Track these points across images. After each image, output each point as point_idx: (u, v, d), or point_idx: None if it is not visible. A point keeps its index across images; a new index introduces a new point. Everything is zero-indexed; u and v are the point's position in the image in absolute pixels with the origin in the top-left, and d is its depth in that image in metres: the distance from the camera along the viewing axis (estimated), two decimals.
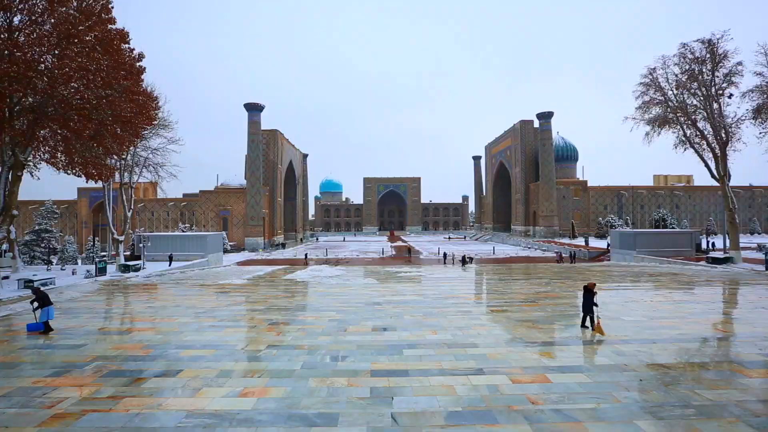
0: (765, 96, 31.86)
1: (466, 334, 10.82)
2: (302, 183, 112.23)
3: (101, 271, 29.05)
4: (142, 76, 25.03)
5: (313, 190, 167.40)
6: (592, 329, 10.83)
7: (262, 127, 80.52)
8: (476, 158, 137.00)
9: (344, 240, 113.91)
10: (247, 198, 76.33)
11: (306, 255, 58.06)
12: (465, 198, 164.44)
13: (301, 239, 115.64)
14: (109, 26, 21.58)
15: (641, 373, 7.72)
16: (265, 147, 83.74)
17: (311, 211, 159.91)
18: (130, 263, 32.40)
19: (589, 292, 10.91)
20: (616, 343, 9.80)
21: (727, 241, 36.68)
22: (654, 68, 36.33)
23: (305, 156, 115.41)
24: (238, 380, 7.55)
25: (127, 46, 22.99)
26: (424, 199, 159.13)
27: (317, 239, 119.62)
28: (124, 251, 39.74)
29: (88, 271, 29.55)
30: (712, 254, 35.24)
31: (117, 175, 35.75)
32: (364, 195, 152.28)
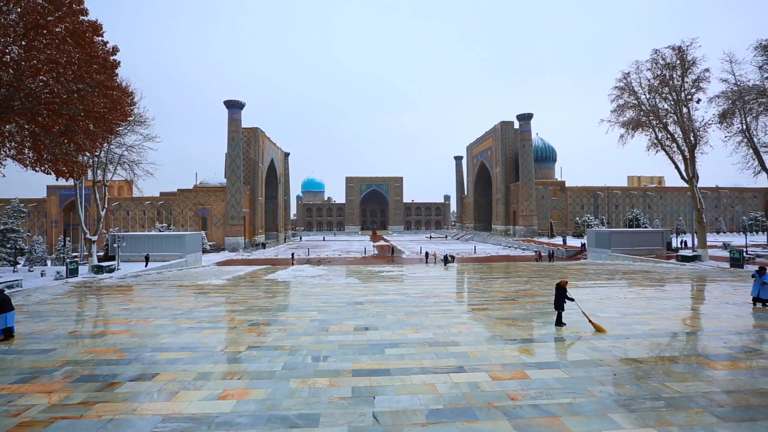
0: (729, 102, 33.42)
1: (448, 333, 10.93)
2: (284, 182, 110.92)
3: (72, 272, 27.98)
4: (117, 71, 24.17)
5: (295, 189, 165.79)
6: (560, 325, 11.18)
7: (243, 125, 79.17)
8: (458, 158, 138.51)
9: (324, 239, 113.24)
10: (227, 197, 74.92)
11: (293, 255, 57.65)
12: (447, 198, 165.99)
13: (286, 238, 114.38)
14: (81, 18, 20.74)
15: (615, 368, 7.98)
16: (245, 145, 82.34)
17: (293, 210, 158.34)
18: (104, 264, 31.32)
19: (561, 289, 11.21)
20: (592, 339, 10.10)
21: (695, 240, 38.31)
22: (628, 73, 37.59)
23: (287, 155, 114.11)
24: (217, 382, 7.41)
25: (100, 39, 22.17)
26: (407, 198, 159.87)
27: (300, 238, 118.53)
28: (98, 252, 38.37)
29: (58, 273, 28.40)
30: (682, 252, 36.70)
31: (90, 173, 34.47)
32: (346, 194, 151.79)
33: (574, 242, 70.78)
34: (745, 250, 37.39)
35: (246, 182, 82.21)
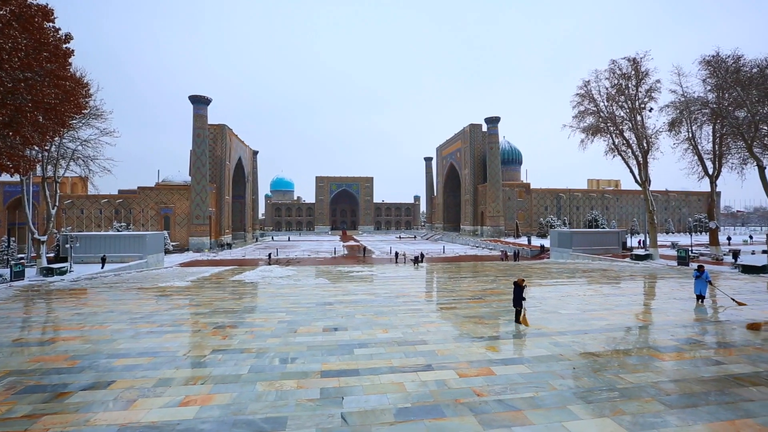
0: (678, 111, 35.89)
1: (416, 332, 11.05)
2: (252, 181, 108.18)
3: (18, 275, 26.03)
4: (70, 60, 22.68)
5: (264, 189, 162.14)
6: (519, 321, 11.61)
7: (210, 122, 76.57)
8: (428, 159, 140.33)
9: (290, 240, 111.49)
10: (191, 195, 72.16)
11: (270, 255, 56.62)
12: (417, 198, 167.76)
13: (259, 238, 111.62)
14: (29, 0, 19.35)
15: (574, 362, 8.36)
16: (212, 142, 79.64)
17: (261, 209, 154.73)
18: (55, 266, 29.33)
19: (518, 287, 11.67)
20: (554, 335, 10.53)
21: (647, 240, 40.82)
22: (588, 81, 39.52)
23: (255, 153, 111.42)
24: (179, 388, 7.12)
25: (51, 24, 20.74)
26: (377, 198, 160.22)
27: (273, 238, 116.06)
28: (48, 253, 35.86)
29: (1, 276, 26.30)
30: (635, 252, 38.97)
31: (39, 169, 32.14)
32: (316, 194, 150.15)
33: (538, 242, 73.48)
34: (690, 249, 40.22)
35: (212, 180, 79.51)
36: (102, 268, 32.32)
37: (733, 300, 14.74)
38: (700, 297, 14.91)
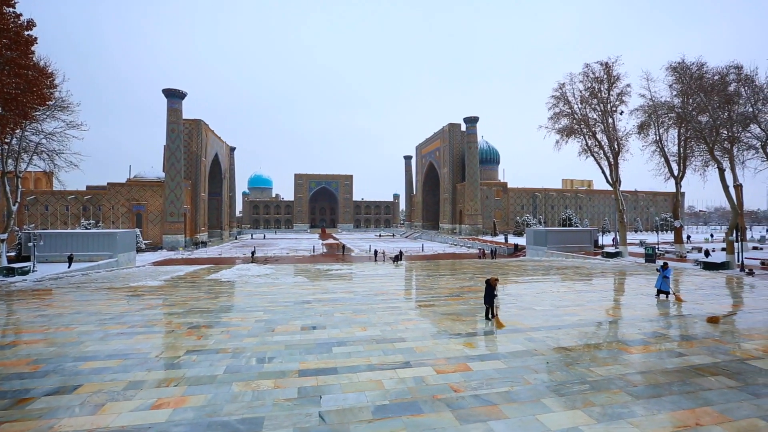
0: (646, 115, 37.38)
1: (395, 329, 11.11)
2: (229, 177, 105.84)
3: None
4: (33, 48, 21.56)
5: (241, 186, 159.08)
6: (489, 318, 11.86)
7: (185, 117, 74.37)
8: (407, 158, 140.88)
9: (265, 237, 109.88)
10: (165, 192, 69.92)
11: (253, 252, 55.66)
12: (396, 196, 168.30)
13: (236, 236, 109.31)
14: None
15: (548, 357, 8.61)
16: (187, 138, 77.45)
17: (239, 207, 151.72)
18: (16, 265, 27.86)
19: (489, 286, 11.94)
20: (528, 331, 10.80)
21: (618, 238, 42.40)
22: (563, 83, 40.60)
23: (232, 149, 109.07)
24: (151, 391, 6.91)
25: (12, 10, 19.65)
26: (356, 197, 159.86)
27: (252, 236, 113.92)
28: (8, 252, 33.98)
29: None
30: (606, 249, 40.39)
31: None
32: (295, 191, 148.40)
33: (514, 240, 75.08)
34: (657, 247, 42.04)
35: (187, 177, 77.33)
36: (69, 267, 30.93)
37: (674, 295, 15.65)
38: (662, 292, 15.62)
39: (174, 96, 71.20)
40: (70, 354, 9.11)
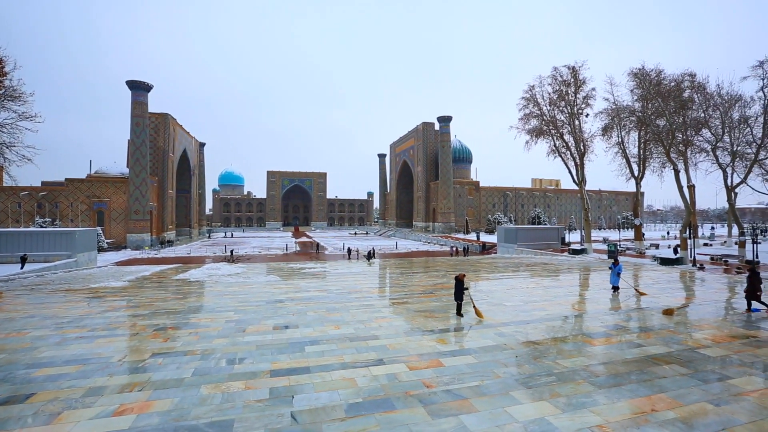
0: (609, 118, 39.11)
1: (368, 327, 11.13)
2: (198, 174, 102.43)
3: None
4: None
5: (212, 183, 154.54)
6: (461, 315, 12.17)
7: (151, 110, 71.29)
8: (381, 156, 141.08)
9: (233, 236, 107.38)
10: (130, 188, 66.84)
11: (232, 251, 54.26)
12: (370, 194, 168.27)
13: (209, 234, 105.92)
14: None
15: (517, 351, 8.88)
16: (153, 132, 74.30)
17: (209, 204, 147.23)
18: None
19: (459, 282, 12.24)
20: (499, 326, 11.09)
21: (583, 236, 44.21)
22: (533, 86, 41.82)
23: (202, 145, 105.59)
24: (113, 397, 6.61)
25: None
26: (330, 194, 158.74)
27: (226, 234, 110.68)
28: None
29: None
30: (573, 246, 42.03)
31: None
32: (267, 189, 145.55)
33: (486, 238, 76.78)
34: (618, 244, 44.14)
35: (153, 173, 74.23)
36: (22, 268, 29.03)
37: (636, 290, 16.63)
38: (615, 288, 16.45)
39: (139, 88, 68.11)
40: (22, 361, 8.56)
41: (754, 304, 13.10)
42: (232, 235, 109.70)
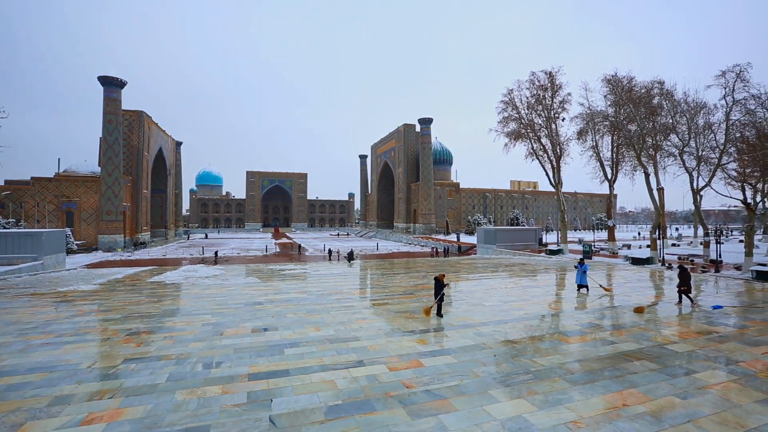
0: (584, 122, 40.33)
1: (349, 329, 11.08)
2: (175, 174, 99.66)
3: None
4: None
5: (189, 183, 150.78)
6: (441, 315, 12.30)
7: (125, 108, 68.92)
8: (363, 157, 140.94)
9: (208, 237, 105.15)
10: (101, 188, 64.35)
11: (216, 252, 52.80)
12: (351, 195, 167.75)
13: (189, 235, 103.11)
14: None
15: (496, 350, 9.02)
16: (127, 130, 71.91)
17: (186, 205, 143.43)
18: None
19: (439, 282, 12.39)
20: (478, 326, 11.25)
21: (559, 236, 45.36)
22: (512, 89, 42.66)
23: (179, 144, 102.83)
24: (81, 405, 6.34)
25: None
26: (311, 195, 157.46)
27: (207, 236, 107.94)
28: None
29: None
30: (550, 247, 43.04)
31: None
32: (247, 189, 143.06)
33: (466, 239, 77.74)
34: (593, 244, 45.51)
35: (127, 172, 71.81)
36: None
37: (601, 287, 17.42)
38: (582, 286, 16.98)
39: (112, 84, 65.73)
40: None
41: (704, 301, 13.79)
42: (206, 236, 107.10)
